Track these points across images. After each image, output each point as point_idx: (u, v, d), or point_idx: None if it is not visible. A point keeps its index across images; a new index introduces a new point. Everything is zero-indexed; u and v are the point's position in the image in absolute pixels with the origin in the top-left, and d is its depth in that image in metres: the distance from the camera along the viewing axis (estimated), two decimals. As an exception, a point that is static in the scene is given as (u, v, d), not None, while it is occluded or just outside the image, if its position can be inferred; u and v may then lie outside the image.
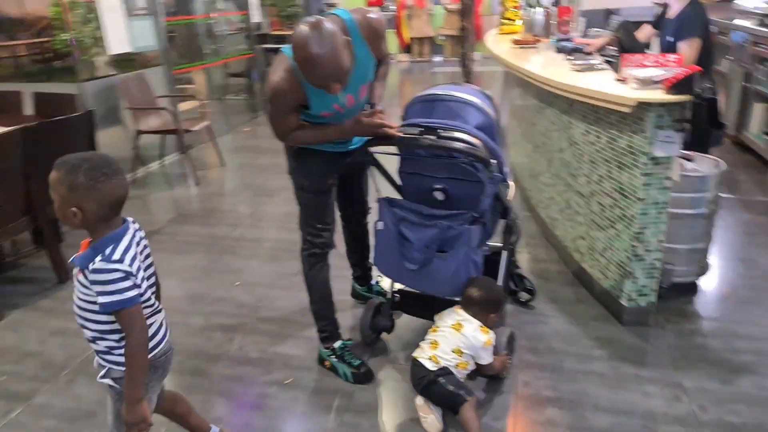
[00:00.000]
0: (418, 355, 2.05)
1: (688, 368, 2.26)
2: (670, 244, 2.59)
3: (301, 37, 1.73)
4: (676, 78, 2.10)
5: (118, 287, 1.37)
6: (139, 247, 1.49)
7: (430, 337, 2.09)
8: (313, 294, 2.31)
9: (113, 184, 1.40)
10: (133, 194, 4.50)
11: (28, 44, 8.72)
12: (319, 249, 2.24)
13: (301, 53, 1.74)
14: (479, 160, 2.03)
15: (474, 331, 2.03)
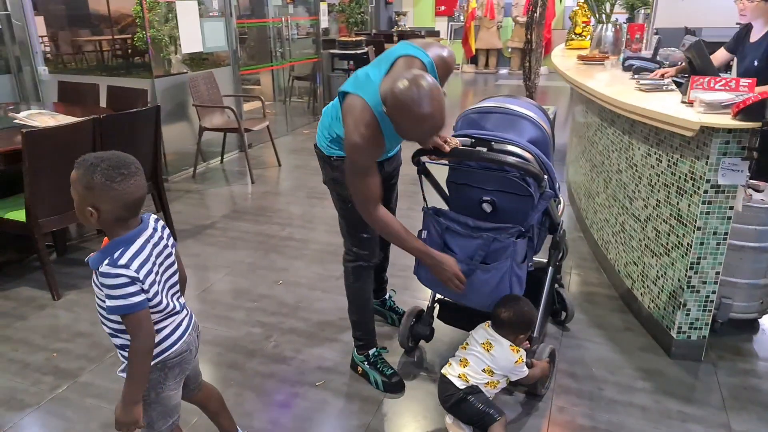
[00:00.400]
0: (446, 372, 2.02)
1: (737, 409, 2.12)
2: (729, 278, 2.45)
3: (410, 96, 1.64)
4: (744, 103, 1.98)
5: (122, 292, 1.35)
6: (158, 247, 1.46)
7: (461, 354, 2.05)
8: (354, 305, 2.30)
9: (130, 185, 1.37)
10: (192, 188, 4.69)
11: (111, 40, 9.27)
12: (364, 261, 2.22)
13: (414, 112, 1.65)
14: (531, 176, 2.00)
15: (504, 351, 1.98)
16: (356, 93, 1.84)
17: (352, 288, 2.27)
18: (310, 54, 7.51)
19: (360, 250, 2.20)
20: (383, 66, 1.86)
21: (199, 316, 2.78)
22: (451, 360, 2.06)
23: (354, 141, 1.81)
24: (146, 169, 3.37)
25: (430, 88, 1.66)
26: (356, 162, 1.85)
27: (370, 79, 1.84)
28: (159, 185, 3.53)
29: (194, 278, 3.17)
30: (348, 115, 1.83)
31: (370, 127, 1.80)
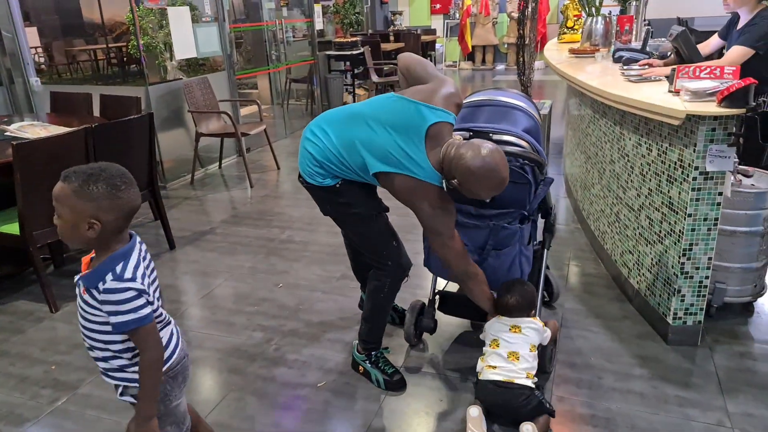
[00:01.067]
0: (503, 376, 2.00)
1: (734, 392, 2.15)
2: (722, 263, 2.48)
3: (495, 163, 1.78)
4: (728, 90, 2.00)
5: (132, 306, 1.33)
6: (146, 261, 1.46)
7: (502, 351, 2.06)
8: (378, 315, 2.26)
9: (132, 193, 1.36)
10: (191, 195, 4.72)
11: (105, 48, 9.29)
12: (402, 271, 2.19)
13: (497, 177, 1.80)
14: (535, 163, 2.10)
15: (531, 324, 2.11)
16: (406, 175, 1.88)
17: (382, 300, 2.23)
18: (307, 56, 7.53)
19: (394, 261, 2.16)
20: (414, 139, 1.88)
21: (200, 322, 2.81)
22: (494, 363, 2.05)
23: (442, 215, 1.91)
24: (142, 177, 3.43)
25: (500, 157, 1.82)
26: (445, 233, 1.94)
27: (412, 159, 1.87)
28: (155, 193, 3.56)
29: (194, 284, 3.20)
30: (415, 198, 1.90)
31: (442, 194, 1.91)
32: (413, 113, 1.90)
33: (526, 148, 2.11)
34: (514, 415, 2.00)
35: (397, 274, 2.19)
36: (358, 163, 1.97)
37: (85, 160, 3.00)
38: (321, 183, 2.06)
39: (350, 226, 2.19)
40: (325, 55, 7.75)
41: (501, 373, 2.01)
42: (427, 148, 1.87)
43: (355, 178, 2.03)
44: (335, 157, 2.00)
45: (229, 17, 5.70)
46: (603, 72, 3.28)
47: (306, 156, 2.07)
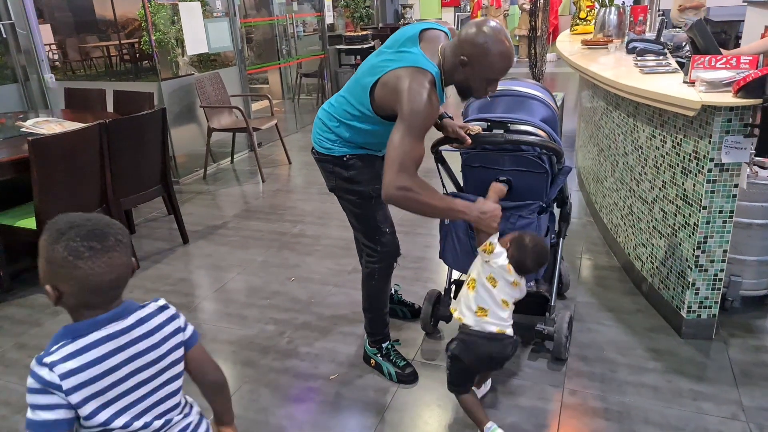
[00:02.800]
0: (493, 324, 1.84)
1: (749, 386, 2.13)
2: (738, 255, 2.45)
3: (497, 31, 1.74)
4: (745, 80, 1.97)
5: (32, 401, 1.01)
6: (137, 346, 1.11)
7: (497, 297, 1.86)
8: (374, 304, 2.29)
9: (101, 264, 1.04)
10: (203, 189, 4.75)
11: (118, 45, 9.36)
12: (392, 259, 2.20)
13: (500, 47, 1.74)
14: (554, 153, 2.10)
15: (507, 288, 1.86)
16: (395, 69, 1.83)
17: (375, 288, 2.25)
18: (317, 50, 7.53)
19: (385, 247, 2.17)
20: (411, 45, 1.87)
21: (213, 315, 2.84)
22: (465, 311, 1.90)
23: (420, 100, 1.76)
24: (155, 171, 3.46)
25: (501, 27, 1.77)
26: (415, 124, 1.77)
27: (412, 54, 1.84)
28: (169, 188, 3.58)
29: (207, 278, 3.22)
30: (404, 82, 1.79)
31: (432, 85, 1.81)
32: (408, 28, 1.94)
33: (543, 138, 2.11)
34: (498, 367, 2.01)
35: (386, 261, 2.20)
36: (358, 97, 1.95)
37: (99, 156, 3.03)
38: (329, 151, 2.07)
39: (349, 205, 2.17)
40: (336, 49, 7.74)
41: (491, 323, 1.84)
42: (422, 47, 1.87)
43: (360, 128, 1.99)
44: (340, 105, 2.02)
45: (239, 12, 5.71)
46: (617, 63, 3.25)
47: (317, 124, 2.12)
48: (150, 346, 1.13)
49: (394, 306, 2.67)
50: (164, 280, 3.21)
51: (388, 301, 2.35)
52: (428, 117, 1.80)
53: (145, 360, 1.13)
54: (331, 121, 2.07)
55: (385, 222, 2.17)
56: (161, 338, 1.15)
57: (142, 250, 3.58)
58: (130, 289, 3.09)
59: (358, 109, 1.97)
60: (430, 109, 1.79)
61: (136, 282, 3.18)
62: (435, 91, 1.82)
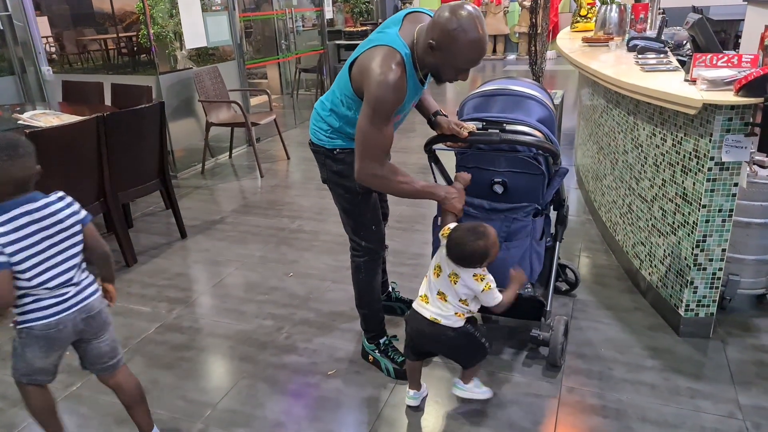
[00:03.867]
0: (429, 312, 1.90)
1: (746, 384, 2.13)
2: (737, 254, 2.45)
3: (470, 18, 1.68)
4: (746, 79, 1.97)
5: None
6: (45, 222, 1.57)
7: (434, 286, 1.92)
8: (365, 299, 2.30)
9: (16, 165, 1.51)
10: (201, 184, 4.74)
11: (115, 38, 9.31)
12: (377, 254, 2.22)
13: (470, 35, 1.69)
14: (551, 154, 2.07)
15: (467, 285, 1.87)
16: (369, 48, 1.83)
17: (363, 282, 2.26)
18: (316, 45, 7.51)
19: (369, 243, 2.19)
20: (392, 26, 1.88)
21: (211, 310, 2.83)
22: (423, 292, 1.96)
23: (383, 79, 1.73)
24: (153, 166, 3.44)
25: (477, 13, 1.72)
26: (379, 104, 1.77)
27: (386, 34, 1.84)
28: (167, 182, 3.57)
29: (205, 273, 3.21)
30: (371, 60, 1.77)
31: (400, 67, 1.77)
32: (396, 15, 1.93)
33: (539, 138, 2.09)
34: (445, 352, 2.05)
35: (371, 256, 2.20)
36: (343, 79, 1.94)
37: (96, 149, 3.02)
38: (321, 142, 2.07)
39: (338, 198, 2.17)
40: (335, 44, 7.72)
41: (429, 309, 1.91)
42: (402, 28, 1.86)
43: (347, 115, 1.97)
44: (331, 93, 2.03)
45: (239, 6, 5.69)
46: (617, 61, 3.24)
47: (313, 115, 2.13)
48: (56, 221, 1.60)
49: (392, 303, 2.67)
50: (161, 274, 3.20)
51: (380, 296, 2.35)
52: (393, 101, 1.78)
53: (53, 230, 1.60)
54: (324, 110, 2.07)
55: (372, 218, 2.17)
56: (63, 216, 1.62)
57: (139, 245, 3.56)
58: (128, 284, 3.08)
59: (344, 93, 1.96)
60: (395, 92, 1.76)
61: (134, 277, 3.17)
62: (404, 72, 1.78)
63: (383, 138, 1.82)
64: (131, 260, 3.28)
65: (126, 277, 3.18)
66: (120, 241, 3.23)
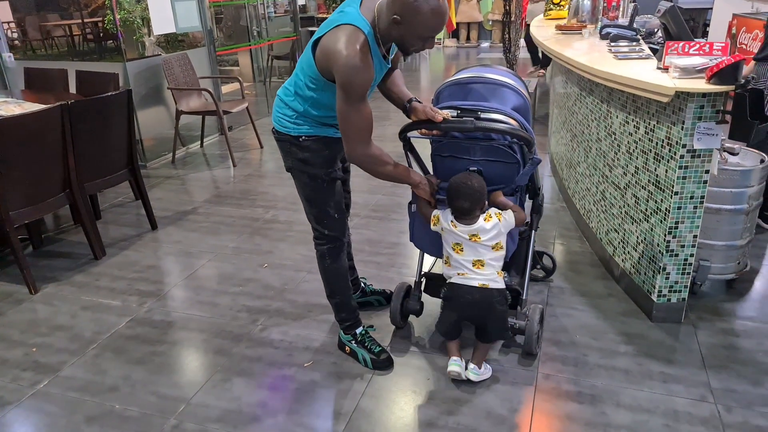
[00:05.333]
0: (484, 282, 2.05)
1: (717, 368, 2.18)
2: (707, 240, 2.49)
3: None
4: (718, 67, 1.99)
5: None
6: None
7: (468, 258, 2.07)
8: (334, 286, 2.29)
9: None
10: (172, 174, 4.64)
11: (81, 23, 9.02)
12: (339, 241, 2.22)
13: (431, 4, 1.71)
14: (525, 142, 2.07)
15: (490, 230, 2.04)
16: (330, 29, 1.82)
17: (330, 270, 2.26)
18: (288, 32, 7.39)
19: (332, 231, 2.19)
20: (353, 4, 1.86)
21: (184, 303, 2.77)
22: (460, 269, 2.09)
23: (350, 62, 1.74)
24: (121, 155, 3.35)
25: None
26: (351, 88, 1.78)
27: (346, 13, 1.83)
28: (136, 172, 3.48)
29: (177, 265, 3.15)
30: (336, 42, 1.77)
31: (365, 46, 1.77)
32: None
33: (514, 126, 2.08)
34: (489, 320, 2.10)
35: (334, 244, 2.21)
36: (307, 60, 1.92)
37: (61, 138, 2.92)
38: (287, 130, 2.05)
39: (302, 187, 2.16)
40: (308, 31, 7.62)
41: (475, 278, 2.06)
42: (362, 5, 1.85)
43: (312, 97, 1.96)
44: (294, 77, 2.01)
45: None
46: (590, 48, 3.26)
47: (276, 101, 2.10)
48: None
49: (368, 298, 2.65)
50: (132, 267, 3.12)
51: (349, 283, 2.33)
52: (364, 81, 1.79)
53: None
54: (287, 96, 2.03)
55: (335, 207, 2.16)
56: None
57: (108, 237, 3.47)
58: (96, 278, 3.00)
59: (308, 75, 1.93)
60: (364, 73, 1.78)
61: (103, 270, 3.09)
62: (369, 51, 1.79)
63: (364, 117, 1.85)
64: (100, 253, 3.19)
65: (94, 270, 3.09)
66: (87, 234, 3.14)
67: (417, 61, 10.50)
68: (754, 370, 2.16)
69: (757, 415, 1.94)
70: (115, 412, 2.06)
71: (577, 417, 1.97)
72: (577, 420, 1.96)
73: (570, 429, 1.93)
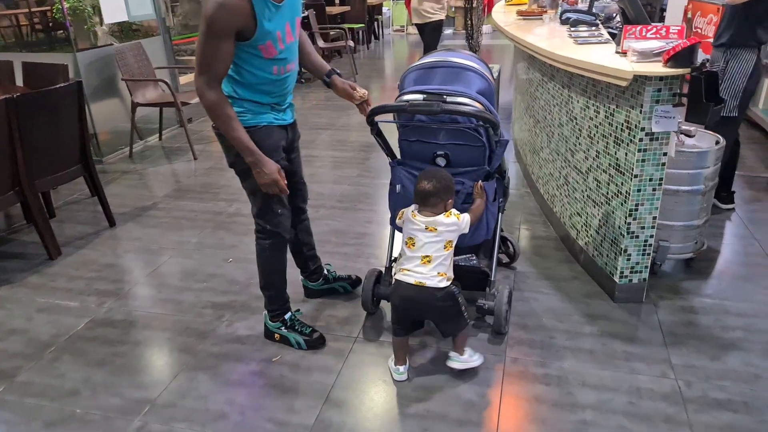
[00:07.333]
0: (413, 278, 1.99)
1: (677, 345, 2.24)
2: (666, 221, 2.55)
3: None
4: (674, 50, 2.02)
5: None
6: None
7: (414, 253, 2.01)
8: (270, 279, 2.28)
9: None
10: (130, 168, 4.50)
11: (28, 13, 8.63)
12: (281, 237, 2.19)
13: None
14: (491, 124, 2.08)
15: (448, 225, 2.00)
16: None
17: (269, 263, 2.25)
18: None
19: (274, 227, 2.16)
20: None
21: (146, 301, 2.69)
22: (404, 265, 2.03)
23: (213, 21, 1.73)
24: (73, 150, 3.23)
25: None
26: (212, 22, 1.75)
27: None
28: (90, 168, 3.35)
29: (138, 263, 3.06)
30: None
31: None
32: None
33: (479, 109, 2.09)
34: (432, 317, 2.10)
35: (275, 240, 2.19)
36: None
37: (8, 133, 2.79)
38: None
39: (244, 181, 2.13)
40: (268, 19, 7.45)
41: (413, 275, 2.00)
42: None
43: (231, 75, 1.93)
44: None
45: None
46: (551, 34, 3.28)
47: None
48: None
49: (333, 285, 2.64)
50: (89, 266, 3.02)
51: (285, 275, 2.32)
52: (223, 19, 1.75)
53: None
54: None
55: (278, 203, 2.13)
56: None
57: (63, 235, 3.34)
58: (51, 278, 2.89)
59: (239, 55, 1.89)
60: (226, 11, 1.74)
61: (59, 270, 2.98)
62: None
63: (215, 53, 1.80)
64: (55, 252, 3.07)
65: (49, 270, 2.98)
66: (41, 233, 3.02)
67: (381, 48, 10.44)
68: (712, 345, 2.23)
69: (716, 389, 2.01)
70: (77, 417, 1.99)
71: (545, 398, 2.00)
72: (545, 401, 1.99)
73: (538, 411, 1.95)
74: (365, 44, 10.48)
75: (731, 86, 2.97)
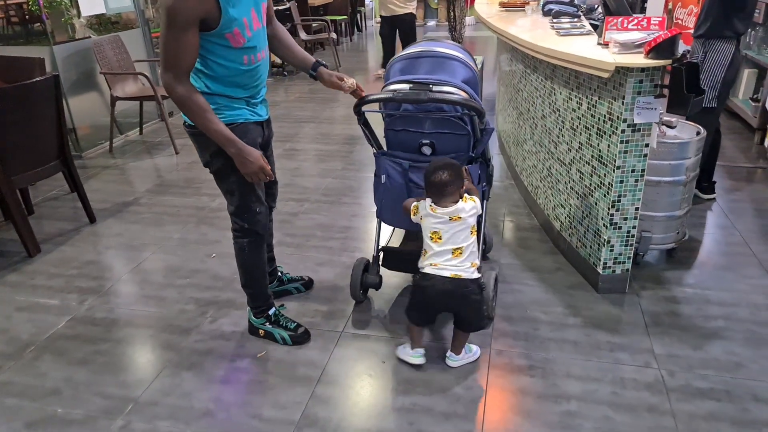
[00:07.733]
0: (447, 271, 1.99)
1: (659, 335, 2.26)
2: (648, 212, 2.57)
3: None
4: (655, 41, 2.03)
5: None
6: None
7: (442, 247, 1.99)
8: (251, 277, 2.26)
9: None
10: (110, 164, 4.43)
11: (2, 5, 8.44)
12: (258, 235, 2.17)
13: None
14: (476, 112, 2.09)
15: (470, 209, 2.01)
16: None
17: (249, 262, 2.22)
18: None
19: (252, 226, 2.13)
20: None
21: (128, 298, 2.66)
22: (434, 260, 2.01)
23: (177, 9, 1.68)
24: (51, 145, 3.16)
25: None
26: (175, 12, 1.69)
27: None
28: (69, 163, 3.29)
29: (119, 259, 3.01)
30: None
31: None
32: None
33: (465, 97, 2.11)
34: (462, 310, 2.06)
35: (253, 238, 2.17)
36: None
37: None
38: None
39: (220, 181, 2.10)
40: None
41: (447, 268, 1.99)
42: None
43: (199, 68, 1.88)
44: None
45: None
46: (533, 25, 3.28)
47: None
48: None
49: (285, 287, 2.62)
50: (69, 263, 2.97)
51: (267, 271, 2.31)
52: (188, 8, 1.70)
53: None
54: None
55: (256, 201, 2.11)
56: None
57: (42, 233, 3.28)
58: (30, 276, 2.84)
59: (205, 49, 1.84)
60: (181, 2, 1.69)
61: (38, 267, 2.92)
62: None
63: (179, 46, 1.74)
64: (34, 250, 3.02)
65: (28, 268, 2.92)
66: (19, 230, 2.96)
67: (364, 40, 10.38)
68: (694, 334, 2.25)
69: (698, 378, 2.03)
70: (58, 417, 1.96)
71: (530, 390, 2.01)
72: (530, 393, 2.00)
73: (523, 402, 1.96)
74: (348, 36, 10.42)
75: (710, 77, 3.00)
